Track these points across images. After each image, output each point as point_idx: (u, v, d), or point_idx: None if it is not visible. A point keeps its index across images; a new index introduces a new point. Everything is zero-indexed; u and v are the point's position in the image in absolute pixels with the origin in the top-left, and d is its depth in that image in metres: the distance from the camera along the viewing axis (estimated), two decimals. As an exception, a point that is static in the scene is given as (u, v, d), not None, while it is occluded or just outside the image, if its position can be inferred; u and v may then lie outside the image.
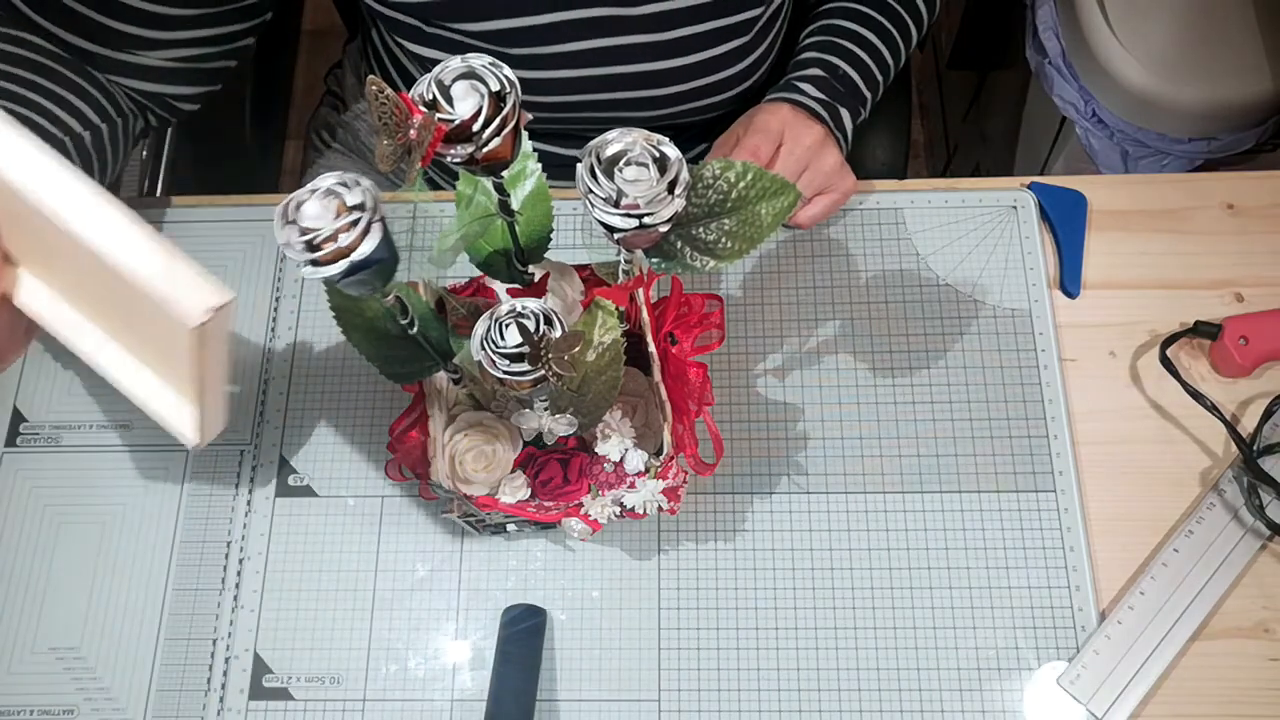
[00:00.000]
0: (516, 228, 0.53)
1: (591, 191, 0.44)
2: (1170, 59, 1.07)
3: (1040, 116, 1.26)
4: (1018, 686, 0.63)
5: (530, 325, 0.48)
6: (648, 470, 0.57)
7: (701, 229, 0.49)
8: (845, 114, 0.75)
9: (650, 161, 0.45)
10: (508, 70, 0.44)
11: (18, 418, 0.71)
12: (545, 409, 0.56)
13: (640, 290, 0.58)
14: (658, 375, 0.58)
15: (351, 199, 0.42)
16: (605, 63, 0.74)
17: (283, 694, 0.64)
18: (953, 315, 0.73)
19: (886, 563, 0.66)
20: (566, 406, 0.55)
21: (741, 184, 0.48)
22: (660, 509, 0.59)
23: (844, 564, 0.66)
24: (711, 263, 0.49)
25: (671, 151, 0.45)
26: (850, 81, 0.75)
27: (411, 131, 0.41)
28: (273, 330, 0.74)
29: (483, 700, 0.63)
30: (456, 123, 0.43)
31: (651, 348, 0.59)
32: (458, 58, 0.44)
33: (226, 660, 0.65)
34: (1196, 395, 0.68)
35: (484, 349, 0.48)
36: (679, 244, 0.49)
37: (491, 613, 0.66)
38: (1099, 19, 1.08)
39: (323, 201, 0.42)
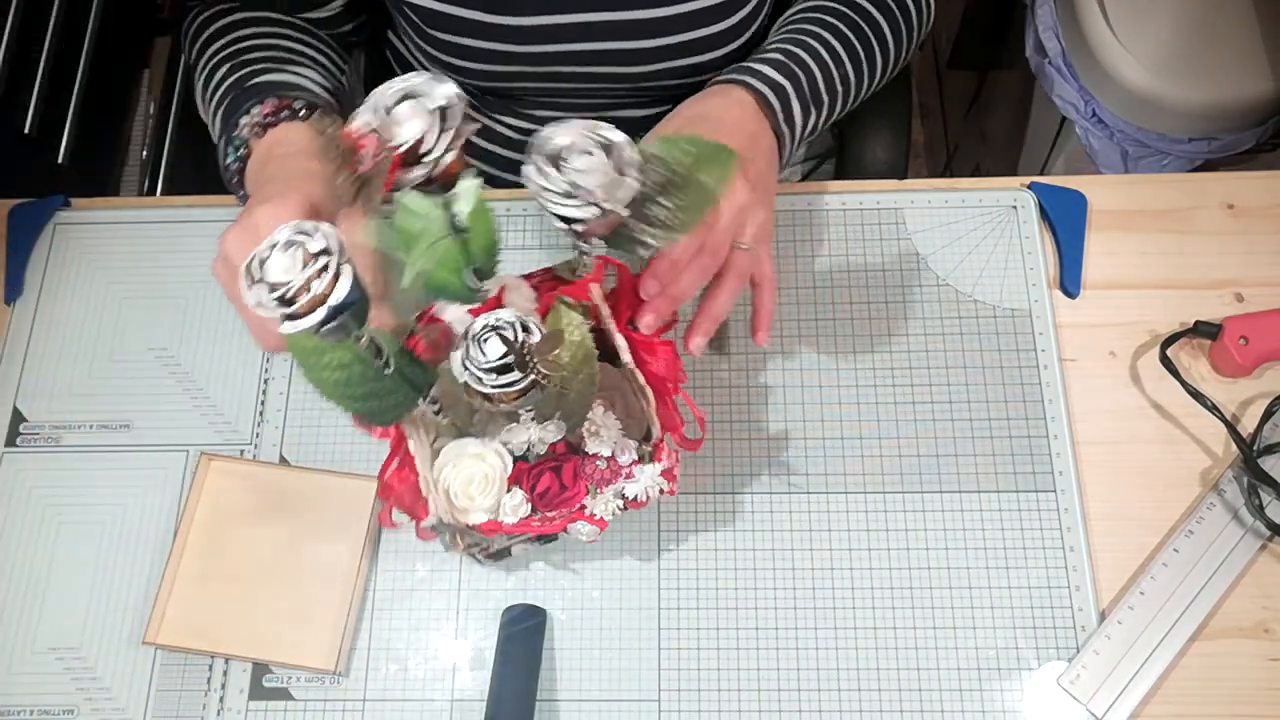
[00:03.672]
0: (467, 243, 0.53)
1: (546, 188, 0.44)
2: (1170, 59, 1.07)
3: (1040, 116, 1.26)
4: (1018, 686, 0.63)
5: (510, 335, 0.48)
6: (642, 457, 0.57)
7: (654, 206, 0.50)
8: (796, 105, 0.67)
9: (596, 148, 0.45)
10: (450, 84, 0.44)
11: (18, 418, 0.72)
12: (531, 419, 0.56)
13: (595, 284, 0.59)
14: (631, 361, 0.58)
15: (314, 245, 0.41)
16: (584, 8, 0.72)
17: (283, 694, 0.64)
18: (953, 315, 0.73)
19: (886, 563, 0.66)
20: (551, 412, 0.55)
21: (687, 159, 0.50)
22: (661, 492, 0.59)
23: (844, 564, 0.66)
24: (671, 236, 0.50)
25: (615, 135, 0.46)
26: (809, 70, 0.68)
27: (365, 163, 0.41)
28: (273, 330, 0.74)
29: (483, 700, 0.63)
30: (408, 145, 0.42)
31: (619, 336, 0.59)
32: (397, 79, 0.43)
33: (227, 660, 0.65)
34: (1196, 395, 0.68)
35: (466, 369, 0.48)
36: (636, 224, 0.50)
37: (491, 613, 0.66)
38: (1099, 19, 1.08)
39: (286, 254, 0.41)
